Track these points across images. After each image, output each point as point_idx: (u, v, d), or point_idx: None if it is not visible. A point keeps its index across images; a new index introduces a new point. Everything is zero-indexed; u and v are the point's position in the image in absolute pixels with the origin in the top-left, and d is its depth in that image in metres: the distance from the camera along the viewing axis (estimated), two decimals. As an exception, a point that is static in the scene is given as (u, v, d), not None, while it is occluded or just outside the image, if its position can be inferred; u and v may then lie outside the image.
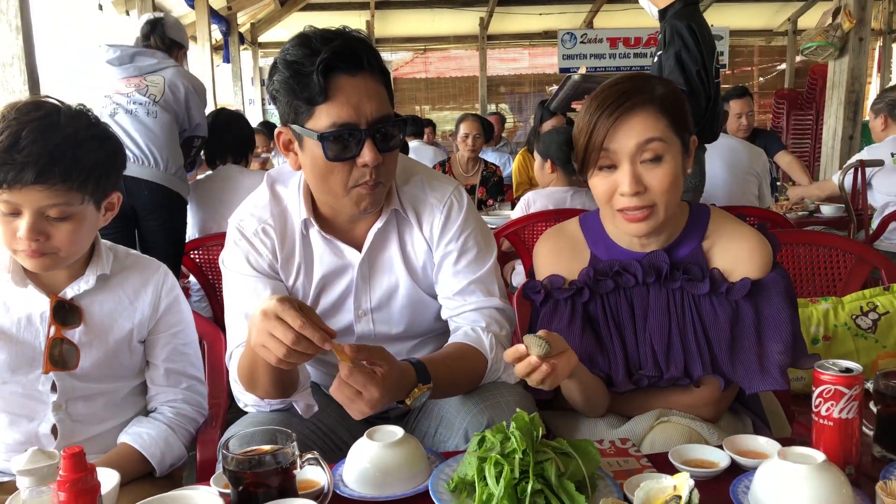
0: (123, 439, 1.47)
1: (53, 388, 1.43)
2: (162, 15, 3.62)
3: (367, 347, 1.17)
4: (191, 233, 3.32)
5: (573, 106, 3.17)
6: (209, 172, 3.48)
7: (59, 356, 1.40)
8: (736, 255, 1.41)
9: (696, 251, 1.43)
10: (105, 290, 1.48)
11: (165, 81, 3.23)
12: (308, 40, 1.26)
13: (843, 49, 5.31)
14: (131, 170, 3.03)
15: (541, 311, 1.49)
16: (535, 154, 3.69)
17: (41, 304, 1.42)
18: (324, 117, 1.27)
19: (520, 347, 1.18)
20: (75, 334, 1.43)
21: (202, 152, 3.52)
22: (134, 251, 1.58)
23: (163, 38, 3.41)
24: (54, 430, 1.44)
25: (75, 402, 1.45)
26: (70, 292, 1.44)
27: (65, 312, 1.42)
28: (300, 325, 1.07)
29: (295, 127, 1.31)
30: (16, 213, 1.30)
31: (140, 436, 1.47)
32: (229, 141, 3.39)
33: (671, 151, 1.34)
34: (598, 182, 1.38)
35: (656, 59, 3.11)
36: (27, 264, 1.38)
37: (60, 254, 1.36)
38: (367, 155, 1.28)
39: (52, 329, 1.40)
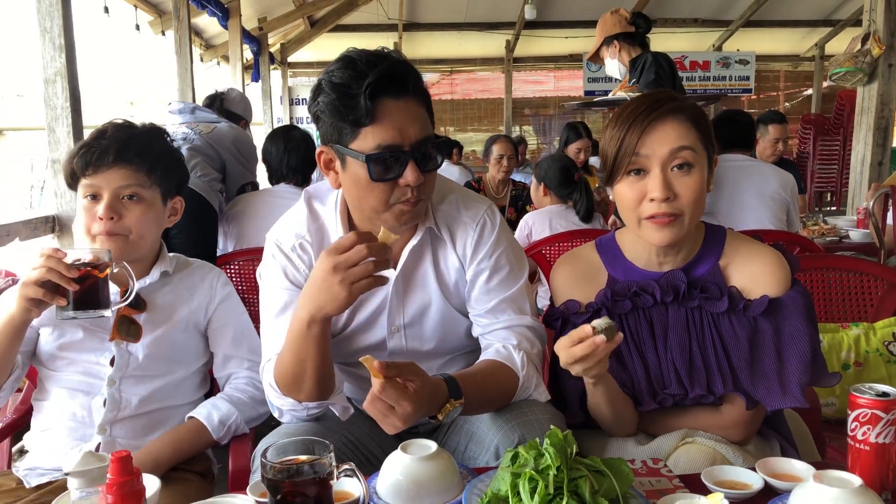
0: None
1: (112, 363, 1.59)
2: (225, 90, 3.90)
3: (396, 364, 1.18)
4: (229, 245, 3.30)
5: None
6: (268, 188, 3.40)
7: (125, 329, 1.60)
8: (753, 273, 1.41)
9: (713, 270, 1.43)
10: (167, 285, 1.69)
11: (217, 128, 3.37)
12: (354, 63, 1.29)
13: (872, 75, 5.29)
14: None
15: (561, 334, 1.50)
16: (533, 178, 3.85)
17: (113, 293, 1.57)
18: (369, 139, 1.29)
19: (586, 328, 1.19)
20: (140, 318, 1.62)
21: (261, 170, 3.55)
22: (192, 259, 1.79)
23: (220, 109, 3.69)
24: (105, 405, 1.58)
25: (128, 380, 1.60)
26: (137, 285, 1.58)
27: (132, 299, 1.56)
28: (354, 238, 1.17)
29: (338, 147, 1.34)
30: (96, 196, 1.55)
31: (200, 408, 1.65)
32: (301, 161, 3.26)
33: (700, 162, 1.35)
34: (626, 188, 1.37)
35: (631, 83, 3.57)
36: (102, 246, 1.54)
37: (130, 237, 1.56)
38: (409, 176, 1.30)
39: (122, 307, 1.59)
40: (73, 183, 1.59)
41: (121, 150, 1.55)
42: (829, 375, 1.39)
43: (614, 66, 3.77)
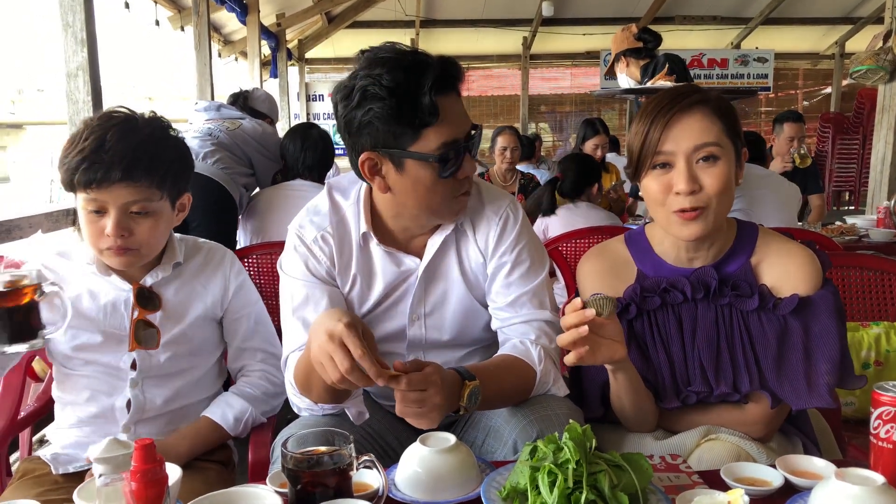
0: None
1: (133, 366, 1.56)
2: (250, 89, 3.93)
3: (407, 375, 1.16)
4: (247, 239, 3.33)
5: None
6: (284, 183, 3.42)
7: (143, 336, 1.54)
8: (785, 271, 1.40)
9: (744, 267, 1.42)
10: (179, 277, 1.62)
11: (242, 125, 3.40)
12: (399, 64, 1.28)
13: (893, 73, 5.23)
14: None
15: None
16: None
17: (124, 292, 1.55)
18: (432, 139, 1.30)
19: (576, 301, 1.21)
20: (156, 318, 1.57)
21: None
22: (202, 239, 1.72)
23: (244, 107, 3.69)
24: (128, 405, 1.56)
25: (150, 381, 1.58)
26: (150, 280, 1.57)
27: (146, 298, 1.56)
28: (360, 355, 1.10)
29: (395, 152, 1.32)
30: (101, 210, 1.44)
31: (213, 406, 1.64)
32: (318, 160, 3.30)
33: (725, 154, 1.34)
34: (652, 181, 1.37)
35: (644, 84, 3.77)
36: (112, 262, 1.51)
37: (142, 250, 1.49)
38: (467, 167, 1.35)
39: (136, 312, 1.54)
40: (71, 190, 1.46)
41: (128, 168, 1.41)
42: (855, 378, 1.38)
43: (624, 80, 3.97)
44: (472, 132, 1.37)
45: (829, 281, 1.40)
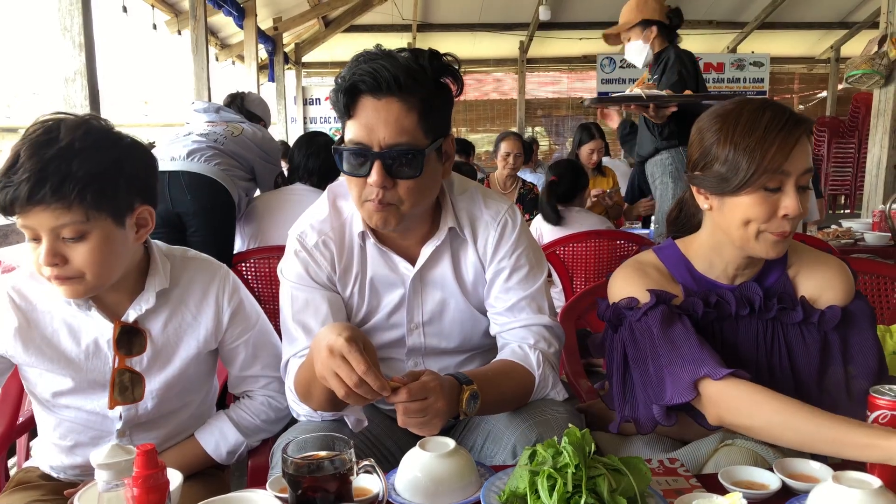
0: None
1: (120, 415, 1.45)
2: (246, 91, 3.95)
3: (407, 386, 1.16)
4: (244, 244, 3.34)
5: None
6: (284, 187, 3.45)
7: (124, 390, 1.42)
8: (821, 281, 1.40)
9: (782, 279, 1.41)
10: (167, 305, 1.45)
11: (244, 130, 3.40)
12: (358, 58, 1.33)
13: (888, 77, 5.26)
14: (166, 165, 2.96)
15: (649, 316, 1.35)
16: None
17: (107, 330, 1.41)
18: (349, 132, 1.34)
19: None
20: (141, 361, 1.43)
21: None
22: (191, 251, 1.55)
23: (240, 109, 3.71)
24: None
25: (139, 428, 1.49)
26: (133, 313, 1.41)
27: (129, 339, 1.41)
28: (364, 370, 1.10)
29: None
30: (36, 238, 1.26)
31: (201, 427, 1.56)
32: (319, 165, 3.32)
33: None
34: (756, 202, 1.28)
35: (652, 80, 3.60)
36: (59, 292, 1.32)
37: (87, 278, 1.29)
38: (373, 176, 1.31)
39: (116, 360, 1.41)
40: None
41: (34, 188, 1.19)
42: (893, 378, 1.38)
43: (639, 49, 3.58)
44: (403, 149, 1.30)
45: (860, 292, 1.41)
